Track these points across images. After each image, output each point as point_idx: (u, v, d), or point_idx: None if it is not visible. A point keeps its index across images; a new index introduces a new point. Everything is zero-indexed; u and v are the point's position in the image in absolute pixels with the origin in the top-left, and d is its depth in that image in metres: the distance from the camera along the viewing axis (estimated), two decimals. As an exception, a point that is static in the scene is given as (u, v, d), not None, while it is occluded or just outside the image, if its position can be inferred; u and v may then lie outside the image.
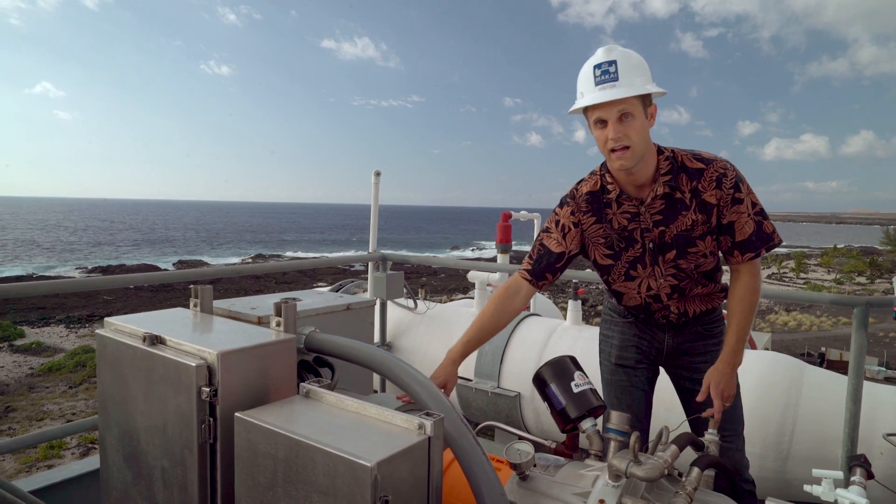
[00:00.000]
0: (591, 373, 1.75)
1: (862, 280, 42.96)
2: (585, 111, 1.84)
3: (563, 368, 1.62)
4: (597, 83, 1.77)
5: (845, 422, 2.57)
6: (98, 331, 1.56)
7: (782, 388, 2.98)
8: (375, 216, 4.43)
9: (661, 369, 2.23)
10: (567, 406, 1.56)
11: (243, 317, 1.69)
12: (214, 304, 1.75)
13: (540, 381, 1.64)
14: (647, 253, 1.96)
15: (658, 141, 1.92)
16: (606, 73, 1.75)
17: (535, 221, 6.08)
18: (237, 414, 1.21)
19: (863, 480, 1.35)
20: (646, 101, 1.79)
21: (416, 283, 29.05)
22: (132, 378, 1.45)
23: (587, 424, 1.55)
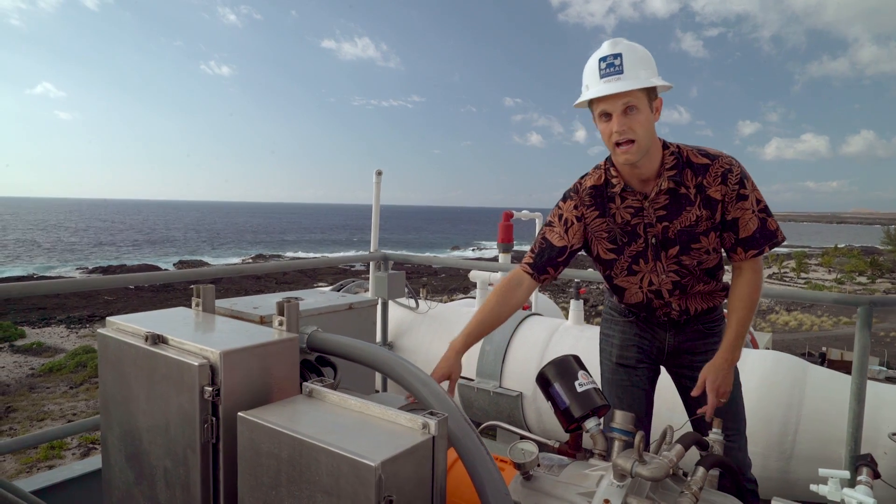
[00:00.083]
0: (594, 372, 1.74)
1: (863, 280, 42.93)
2: (590, 104, 1.83)
3: (567, 368, 1.62)
4: (602, 76, 1.76)
5: (849, 421, 2.56)
6: (100, 330, 1.55)
7: (785, 388, 2.97)
8: (377, 216, 4.42)
9: (663, 369, 2.22)
10: (571, 405, 1.55)
11: (245, 316, 1.69)
12: (216, 304, 1.75)
13: (543, 381, 1.63)
14: (650, 248, 1.95)
15: None
16: (612, 66, 1.74)
17: (537, 221, 6.07)
18: (240, 413, 1.21)
19: (869, 480, 1.34)
20: (651, 95, 1.78)
21: (417, 283, 29.05)
22: (134, 377, 1.44)
23: (591, 424, 1.54)
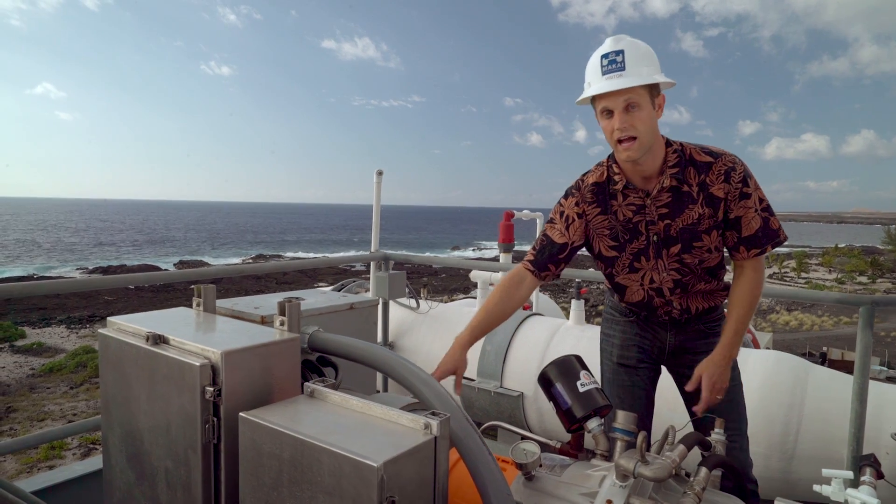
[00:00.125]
0: (596, 372, 1.74)
1: (863, 280, 42.91)
2: (593, 101, 1.83)
3: (569, 367, 1.61)
4: (604, 73, 1.76)
5: (851, 421, 2.55)
6: (101, 330, 1.54)
7: (787, 388, 2.96)
8: (377, 216, 4.41)
9: (664, 368, 2.21)
10: (573, 405, 1.55)
11: (247, 316, 1.68)
12: (217, 304, 1.74)
13: (545, 381, 1.62)
14: (651, 246, 1.95)
15: None
16: (613, 63, 1.74)
17: (538, 221, 6.07)
18: (241, 414, 1.20)
19: (873, 480, 1.33)
20: (653, 92, 1.77)
21: (418, 283, 29.06)
22: (135, 378, 1.44)
23: (593, 424, 1.54)
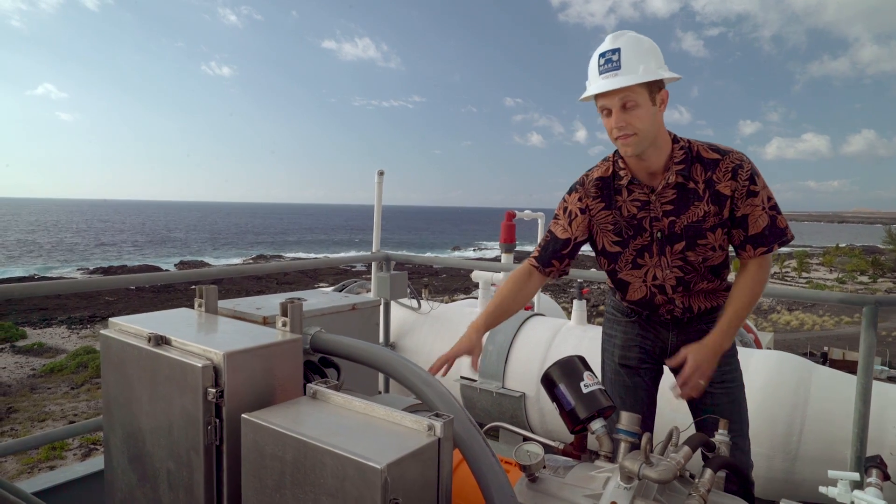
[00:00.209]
0: (598, 373, 1.73)
1: (864, 279, 42.88)
2: (595, 98, 1.84)
3: (573, 368, 1.60)
4: (600, 72, 1.78)
5: (854, 422, 2.54)
6: (102, 331, 1.54)
7: (790, 388, 2.95)
8: (379, 216, 4.40)
9: (666, 369, 2.20)
10: (576, 406, 1.54)
11: (248, 317, 1.67)
12: (219, 305, 1.73)
13: (549, 382, 1.61)
14: (655, 242, 1.94)
15: None
16: (609, 62, 1.76)
17: (539, 221, 6.06)
18: (244, 415, 1.20)
19: (879, 482, 1.32)
20: (653, 88, 1.77)
21: (419, 284, 29.08)
22: (137, 379, 1.43)
23: (597, 425, 1.53)
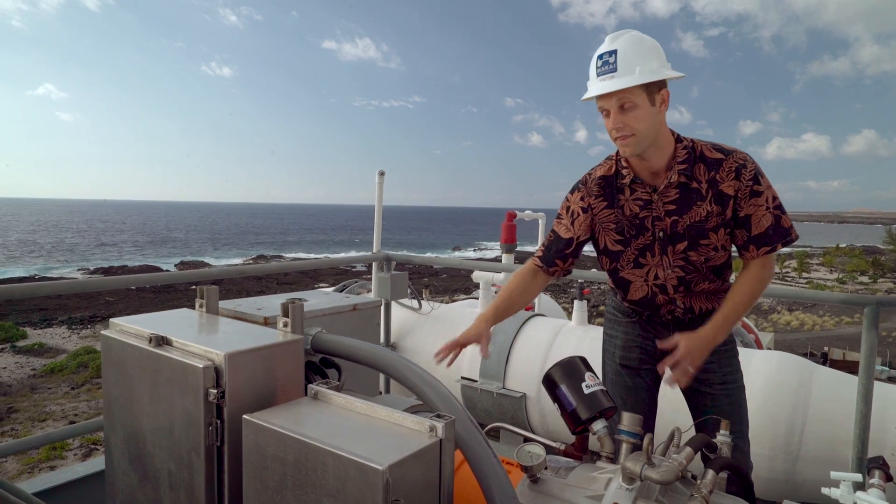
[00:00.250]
0: (599, 373, 1.72)
1: (864, 279, 42.85)
2: (596, 99, 1.85)
3: (574, 369, 1.60)
4: (598, 74, 1.79)
5: (856, 423, 2.54)
6: (103, 332, 1.54)
7: (791, 389, 2.95)
8: (379, 216, 4.39)
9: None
10: (578, 407, 1.54)
11: (249, 317, 1.67)
12: (220, 305, 1.73)
13: (550, 382, 1.61)
14: (657, 242, 1.94)
15: None
16: (606, 64, 1.76)
17: (540, 221, 6.06)
18: (245, 416, 1.20)
19: (882, 483, 1.32)
20: (651, 89, 1.76)
21: (419, 284, 29.07)
22: (138, 379, 1.43)
23: (598, 426, 1.53)
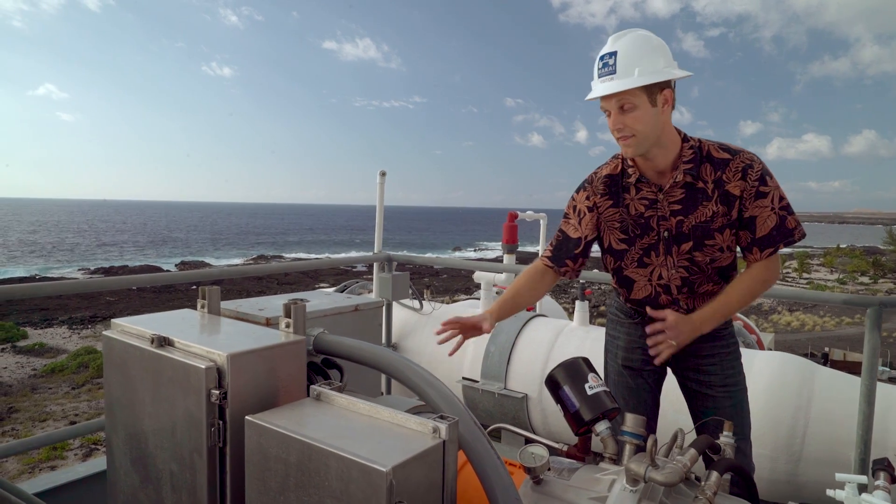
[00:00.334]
0: (601, 374, 1.72)
1: (865, 280, 42.84)
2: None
3: (577, 370, 1.59)
4: (598, 76, 1.80)
5: (858, 423, 2.53)
6: (105, 332, 1.53)
7: (793, 390, 2.94)
8: (381, 216, 4.39)
9: (669, 370, 2.19)
10: (581, 408, 1.53)
11: (251, 318, 1.67)
12: (221, 306, 1.73)
13: (553, 383, 1.61)
14: (662, 241, 1.94)
15: None
16: (606, 66, 1.77)
17: (542, 221, 6.05)
18: (248, 417, 1.19)
19: (887, 485, 1.31)
20: (652, 90, 1.76)
21: (420, 284, 29.08)
22: (140, 380, 1.42)
23: (602, 427, 1.52)
